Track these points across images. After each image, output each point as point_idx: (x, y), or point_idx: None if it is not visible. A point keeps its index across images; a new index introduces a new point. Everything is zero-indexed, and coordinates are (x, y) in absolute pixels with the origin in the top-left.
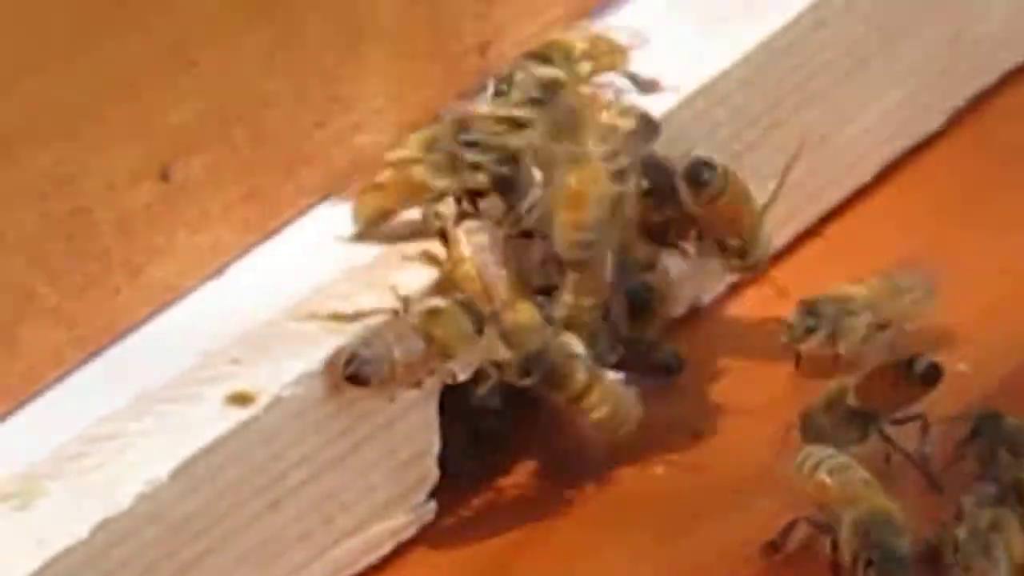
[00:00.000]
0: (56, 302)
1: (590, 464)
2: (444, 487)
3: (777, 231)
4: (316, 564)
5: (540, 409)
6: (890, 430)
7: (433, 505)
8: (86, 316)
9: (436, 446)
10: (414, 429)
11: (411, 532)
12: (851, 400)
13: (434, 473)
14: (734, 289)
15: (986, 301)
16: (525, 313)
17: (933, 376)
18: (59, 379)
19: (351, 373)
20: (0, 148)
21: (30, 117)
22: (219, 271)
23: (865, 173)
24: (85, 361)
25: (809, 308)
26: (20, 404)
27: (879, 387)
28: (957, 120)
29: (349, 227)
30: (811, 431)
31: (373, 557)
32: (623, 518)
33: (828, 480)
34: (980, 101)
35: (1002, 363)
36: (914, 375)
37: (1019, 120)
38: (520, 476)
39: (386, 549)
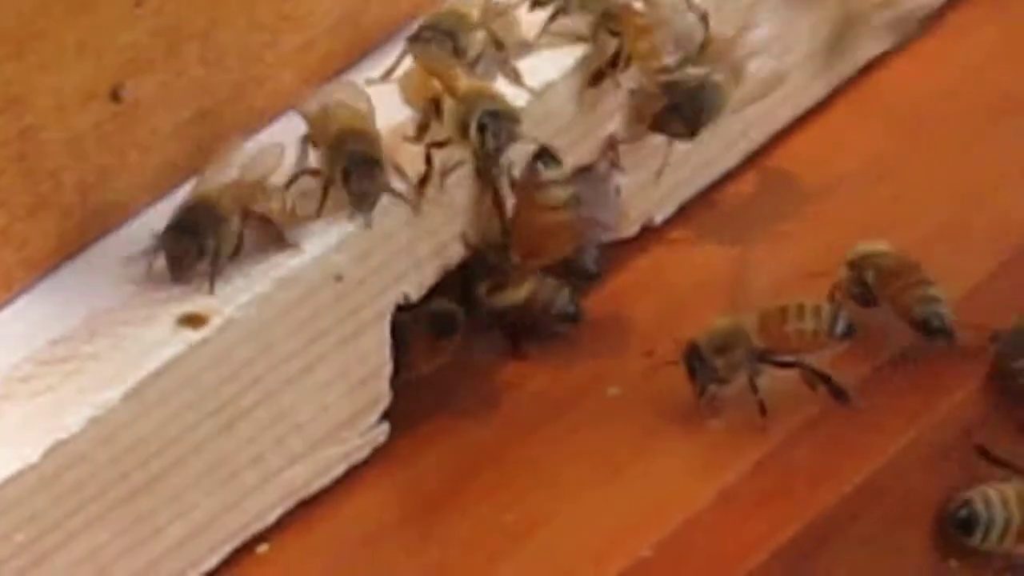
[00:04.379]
0: (6, 223)
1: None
2: (396, 409)
3: (730, 151)
4: (269, 486)
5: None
6: None
7: (386, 427)
8: (36, 237)
9: (388, 367)
10: (367, 350)
11: (364, 454)
12: (756, 341)
13: (386, 394)
14: (684, 210)
15: (936, 224)
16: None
17: (853, 332)
18: (9, 301)
19: None
20: None
21: None
22: (170, 191)
23: (817, 92)
24: (35, 283)
25: None
26: None
27: (795, 333)
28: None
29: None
30: (702, 371)
31: (326, 479)
32: (577, 440)
33: None
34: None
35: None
36: (836, 331)
37: (969, 43)
38: (473, 399)
39: (339, 471)
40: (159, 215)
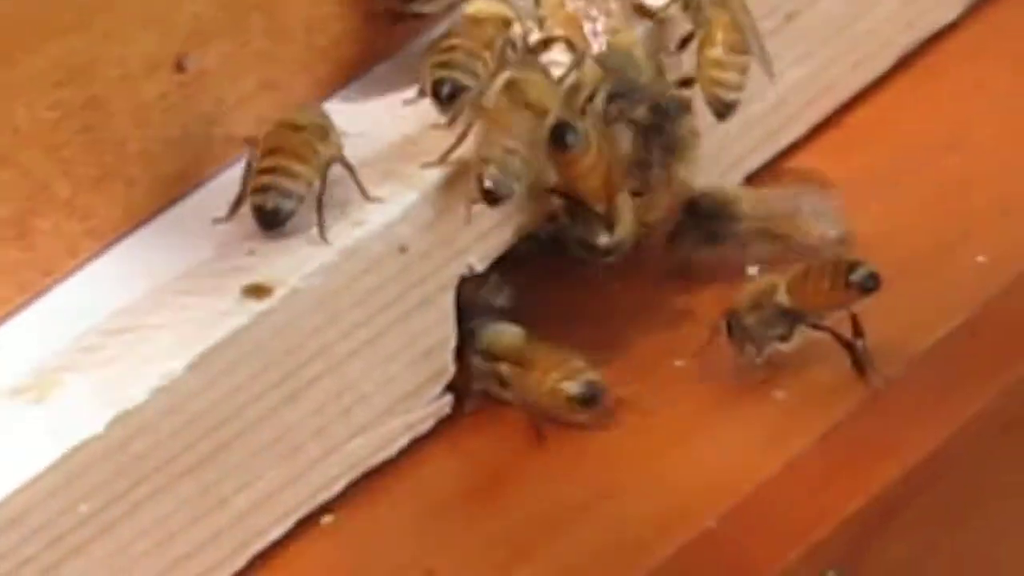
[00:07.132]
0: (71, 194)
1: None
2: (461, 381)
3: (795, 121)
4: (333, 458)
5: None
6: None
7: (449, 399)
8: (101, 208)
9: (453, 339)
10: (431, 321)
11: (427, 426)
12: (781, 298)
13: (451, 367)
14: (750, 180)
15: (1003, 192)
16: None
17: (871, 286)
18: (75, 271)
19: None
20: (14, 38)
21: (43, 6)
22: (235, 162)
23: (883, 62)
24: (100, 253)
25: None
26: (35, 296)
27: (814, 289)
28: (973, 10)
29: (362, 118)
30: (737, 329)
31: (390, 451)
32: (642, 412)
33: None
34: None
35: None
36: (853, 283)
37: None
38: None
39: (403, 442)
40: (222, 186)
